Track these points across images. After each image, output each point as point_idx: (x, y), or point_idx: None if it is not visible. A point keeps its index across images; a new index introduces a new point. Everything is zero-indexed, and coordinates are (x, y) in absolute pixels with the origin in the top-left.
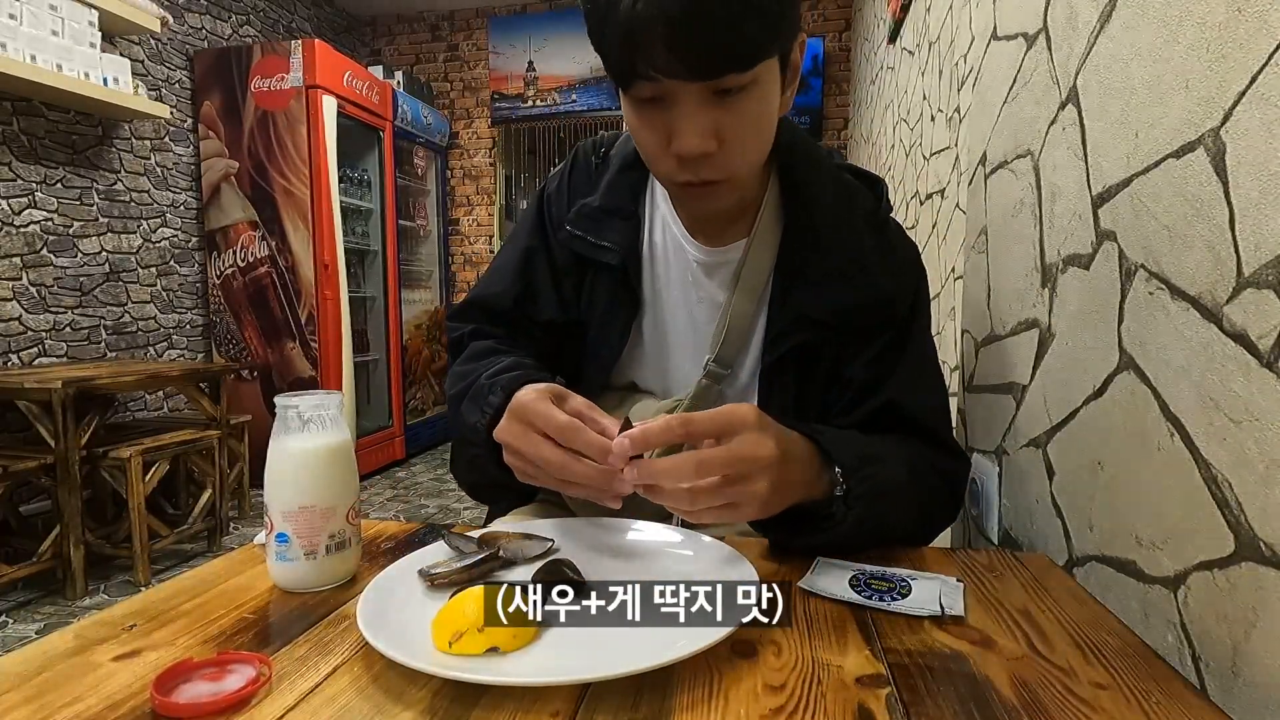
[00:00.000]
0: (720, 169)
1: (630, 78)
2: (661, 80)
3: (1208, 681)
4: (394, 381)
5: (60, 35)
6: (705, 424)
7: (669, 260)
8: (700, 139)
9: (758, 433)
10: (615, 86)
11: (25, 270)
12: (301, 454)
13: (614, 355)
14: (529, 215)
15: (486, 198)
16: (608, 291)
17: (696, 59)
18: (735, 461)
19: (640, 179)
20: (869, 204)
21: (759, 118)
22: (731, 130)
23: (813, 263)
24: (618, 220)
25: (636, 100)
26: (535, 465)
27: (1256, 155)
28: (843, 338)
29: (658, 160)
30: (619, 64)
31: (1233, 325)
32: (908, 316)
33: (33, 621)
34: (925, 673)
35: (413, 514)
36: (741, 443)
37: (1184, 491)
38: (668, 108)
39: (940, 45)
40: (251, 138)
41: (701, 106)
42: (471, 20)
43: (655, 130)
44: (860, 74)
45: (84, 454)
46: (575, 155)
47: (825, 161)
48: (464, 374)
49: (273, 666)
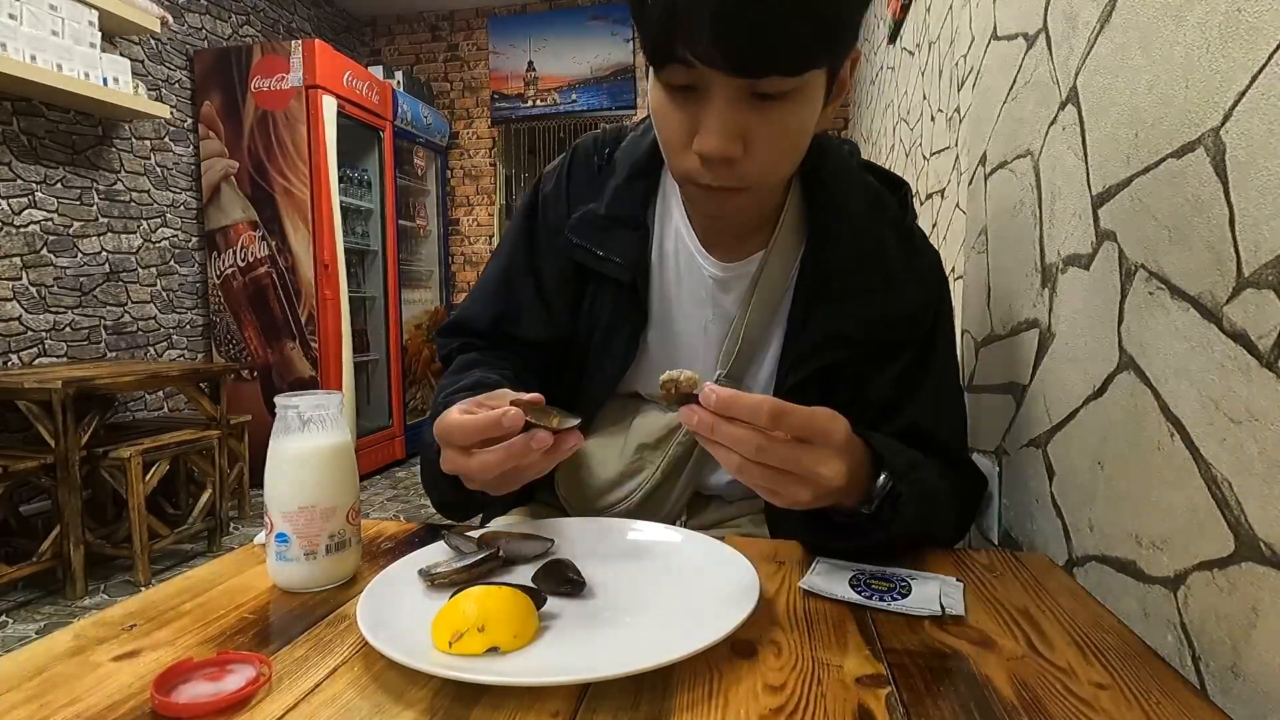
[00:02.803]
0: (742, 177)
1: (665, 59)
2: (697, 68)
3: (1208, 681)
4: (394, 381)
5: (60, 35)
6: (796, 423)
7: (680, 273)
8: (727, 141)
9: (842, 441)
10: (647, 65)
11: (25, 270)
12: (301, 454)
13: (618, 368)
14: (516, 224)
15: (486, 198)
16: (612, 303)
17: (740, 52)
18: (811, 432)
19: (650, 187)
20: (894, 211)
21: (795, 130)
22: (762, 138)
23: (839, 279)
24: (625, 231)
25: (667, 85)
26: (481, 478)
27: (1256, 155)
28: (867, 351)
29: (677, 154)
30: (655, 41)
31: (1233, 325)
32: (931, 330)
33: (33, 621)
34: (925, 673)
35: (413, 514)
36: (817, 417)
37: (1184, 491)
38: (699, 99)
39: (940, 45)
40: (251, 138)
41: (735, 105)
42: (471, 20)
43: (681, 121)
44: (860, 74)
45: (84, 454)
46: (574, 153)
47: (852, 167)
48: (445, 389)
49: (273, 666)
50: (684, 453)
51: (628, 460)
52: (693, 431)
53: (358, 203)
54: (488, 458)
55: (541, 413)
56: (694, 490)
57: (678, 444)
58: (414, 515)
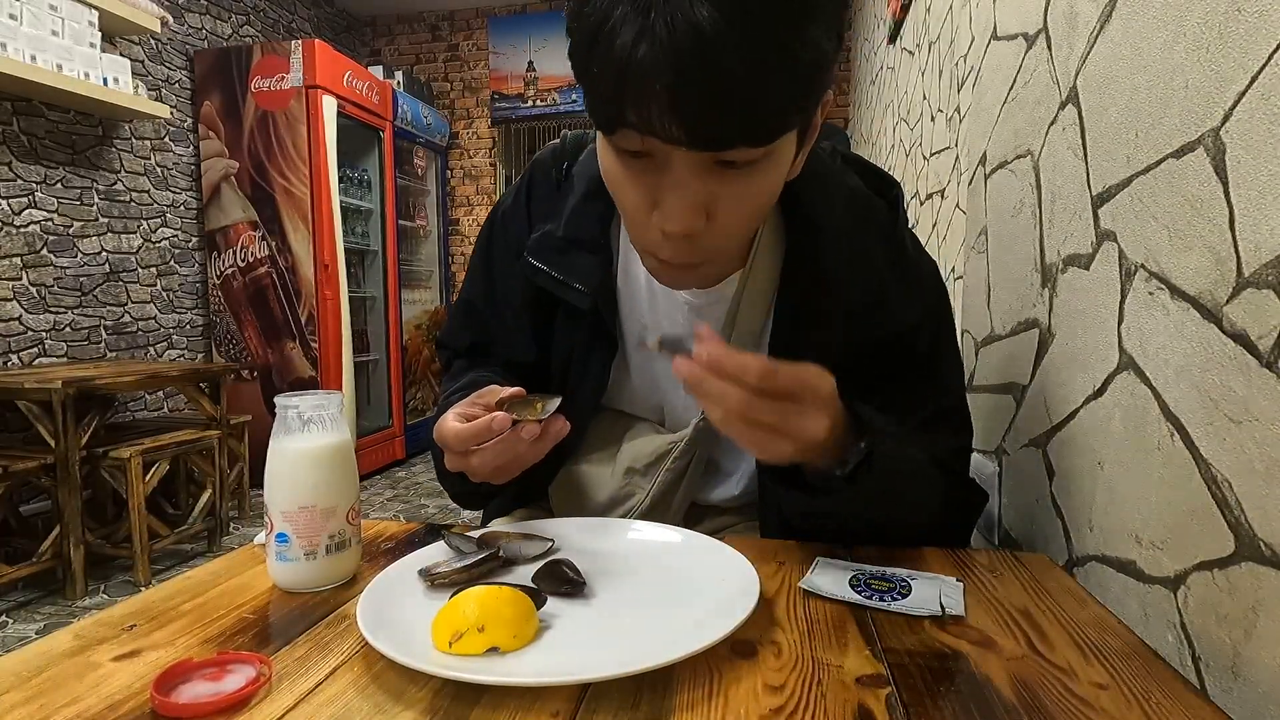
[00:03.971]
0: (702, 251)
1: (615, 125)
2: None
3: (1208, 681)
4: (394, 381)
5: (60, 35)
6: (783, 382)
7: (655, 297)
8: (691, 216)
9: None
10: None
11: (25, 270)
12: (301, 454)
13: (598, 390)
14: (478, 249)
15: (486, 198)
16: (581, 329)
17: (703, 128)
18: (798, 387)
19: (608, 207)
20: (883, 217)
21: (761, 194)
22: (727, 208)
23: (820, 302)
24: (584, 254)
25: (619, 149)
26: (483, 474)
27: (1256, 155)
28: (856, 377)
29: (637, 226)
30: (604, 108)
31: (1233, 325)
32: (929, 351)
33: (33, 621)
34: (925, 673)
35: (413, 514)
36: (805, 373)
37: (1184, 491)
38: (657, 168)
39: (940, 45)
40: (251, 138)
41: (698, 176)
42: (471, 20)
43: (640, 192)
44: (860, 74)
45: (84, 454)
46: (533, 168)
47: (834, 172)
48: (446, 396)
49: (273, 666)
50: (675, 477)
51: (618, 484)
52: (683, 381)
53: (358, 203)
54: (484, 456)
55: (524, 404)
56: (690, 503)
57: (667, 470)
58: (414, 515)
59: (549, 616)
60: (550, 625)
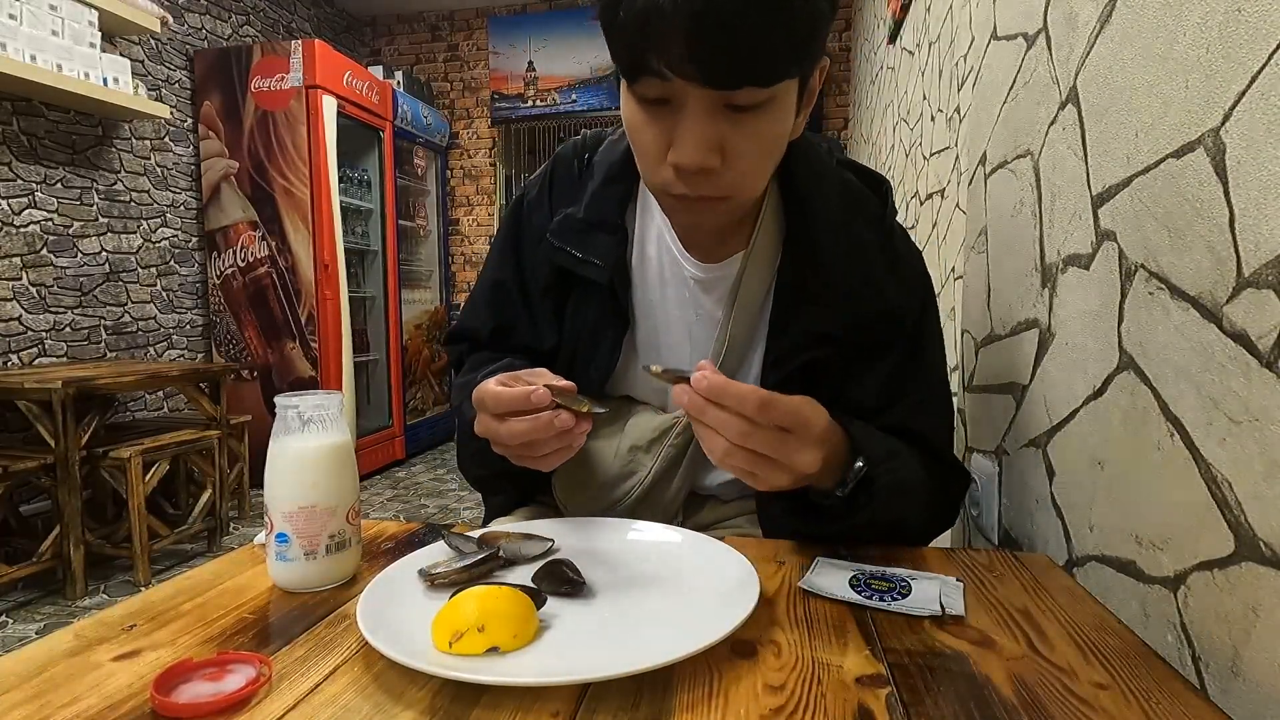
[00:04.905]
0: (719, 187)
1: (638, 71)
2: (672, 80)
3: (1208, 681)
4: (394, 381)
5: (60, 35)
6: (780, 414)
7: (664, 275)
8: (703, 153)
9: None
10: (617, 77)
11: (25, 270)
12: (301, 454)
13: (604, 372)
14: (503, 232)
15: (486, 198)
16: (594, 308)
17: (715, 65)
18: (793, 422)
19: (627, 191)
20: (874, 210)
21: (769, 140)
22: (738, 149)
23: (815, 281)
24: (603, 234)
25: (640, 98)
26: (508, 444)
27: (1256, 155)
28: (848, 352)
29: (653, 166)
30: (628, 53)
31: (1233, 325)
32: (915, 332)
33: (33, 621)
34: (925, 673)
35: (413, 514)
36: (800, 408)
37: (1184, 491)
38: (673, 112)
39: (940, 45)
40: (251, 138)
41: (710, 117)
42: (471, 20)
43: (656, 133)
44: (860, 74)
45: (84, 454)
46: (555, 162)
47: (829, 168)
48: (466, 384)
49: (273, 666)
50: (677, 454)
51: (622, 461)
52: (684, 410)
53: (358, 203)
54: (516, 426)
55: (572, 399)
56: (690, 490)
57: (670, 445)
58: (414, 515)
59: (549, 616)
60: (550, 625)
